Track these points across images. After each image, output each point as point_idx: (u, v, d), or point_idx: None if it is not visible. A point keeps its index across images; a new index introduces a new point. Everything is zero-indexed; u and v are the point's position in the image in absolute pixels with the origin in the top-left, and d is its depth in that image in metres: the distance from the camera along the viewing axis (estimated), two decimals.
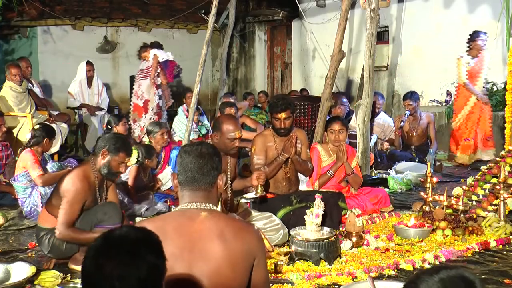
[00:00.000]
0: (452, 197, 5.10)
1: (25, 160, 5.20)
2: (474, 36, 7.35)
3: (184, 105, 9.03)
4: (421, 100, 9.38)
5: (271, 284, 3.31)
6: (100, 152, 3.79)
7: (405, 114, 7.55)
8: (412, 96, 7.60)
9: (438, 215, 4.51)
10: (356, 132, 6.66)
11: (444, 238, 4.35)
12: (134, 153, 4.57)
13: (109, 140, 3.83)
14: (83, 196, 3.75)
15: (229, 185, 4.20)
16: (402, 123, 7.50)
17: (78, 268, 3.73)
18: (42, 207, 4.83)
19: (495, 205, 4.86)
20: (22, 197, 5.21)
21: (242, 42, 13.81)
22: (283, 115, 4.60)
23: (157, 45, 8.95)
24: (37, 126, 5.57)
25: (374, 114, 7.55)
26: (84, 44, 11.85)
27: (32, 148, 5.28)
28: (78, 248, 3.79)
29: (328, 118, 6.33)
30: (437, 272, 1.39)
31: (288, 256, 3.84)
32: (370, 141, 6.87)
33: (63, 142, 7.68)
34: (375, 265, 3.71)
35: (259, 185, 4.21)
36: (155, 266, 1.43)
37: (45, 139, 5.32)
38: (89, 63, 8.82)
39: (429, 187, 4.85)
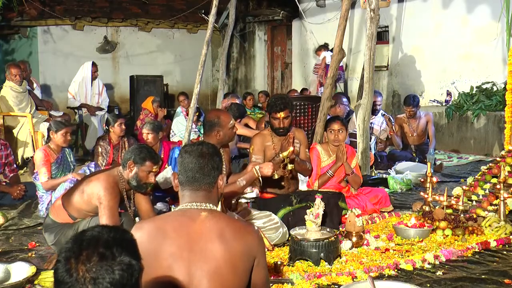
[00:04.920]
0: (452, 197, 5.10)
1: (36, 159, 5.21)
2: None
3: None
4: (421, 100, 9.40)
5: (271, 284, 3.31)
6: (127, 165, 3.77)
7: (383, 114, 7.70)
8: (413, 101, 7.60)
9: (438, 215, 4.51)
10: (356, 131, 6.66)
11: (444, 238, 4.35)
12: None
13: (133, 151, 3.83)
14: (118, 200, 3.75)
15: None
16: (393, 122, 7.59)
17: None
18: None
19: (495, 205, 4.86)
20: (42, 195, 5.19)
21: (242, 42, 13.81)
22: (281, 114, 4.59)
23: (331, 49, 9.63)
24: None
25: (374, 112, 7.56)
26: (84, 44, 11.87)
27: (48, 144, 5.30)
28: None
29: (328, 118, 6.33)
30: None
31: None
32: (370, 141, 6.88)
33: None
34: (375, 265, 3.71)
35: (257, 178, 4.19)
36: (129, 266, 1.37)
37: (50, 132, 5.29)
38: (94, 64, 8.81)
39: (429, 187, 4.84)
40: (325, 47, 10.12)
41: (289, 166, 4.49)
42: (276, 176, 4.23)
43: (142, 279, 1.44)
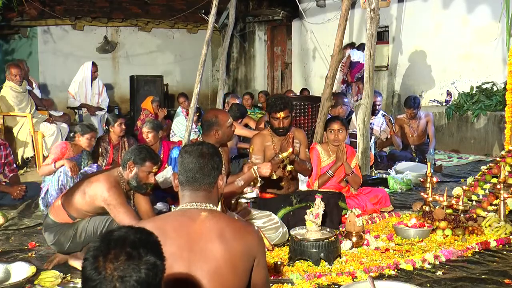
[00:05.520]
0: (452, 197, 5.10)
1: (54, 147, 5.48)
2: None
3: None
4: (421, 100, 9.40)
5: (271, 284, 3.31)
6: (127, 166, 3.78)
7: (383, 115, 7.66)
8: (414, 103, 7.59)
9: (438, 215, 4.51)
10: (356, 131, 6.66)
11: (444, 238, 4.35)
12: None
13: (133, 152, 3.83)
14: (124, 196, 3.75)
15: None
16: (393, 123, 7.58)
17: (77, 264, 3.74)
18: (57, 191, 5.02)
19: (495, 205, 4.85)
20: (43, 186, 5.30)
21: (242, 42, 13.81)
22: (281, 114, 4.59)
23: (357, 47, 9.70)
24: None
25: (374, 112, 7.55)
26: (84, 44, 11.87)
27: (69, 141, 5.51)
28: (81, 249, 3.80)
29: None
30: None
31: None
32: (370, 141, 6.87)
33: None
34: (375, 265, 3.71)
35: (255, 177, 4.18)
36: (155, 266, 1.44)
37: (76, 134, 5.47)
38: (94, 64, 8.81)
39: (429, 187, 4.85)
40: (351, 45, 10.03)
41: (289, 167, 4.48)
42: (274, 177, 4.22)
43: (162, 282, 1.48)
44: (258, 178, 4.08)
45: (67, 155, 5.33)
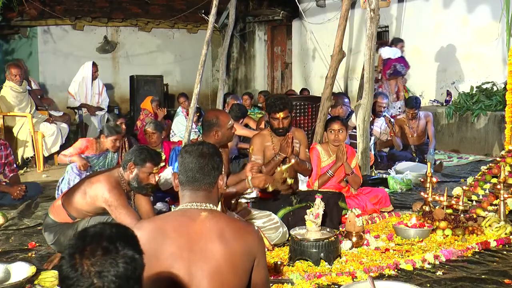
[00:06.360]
0: (452, 197, 5.10)
1: (76, 143, 5.78)
2: None
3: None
4: (421, 100, 9.40)
5: (271, 284, 3.31)
6: (127, 166, 3.78)
7: (383, 115, 7.63)
8: (416, 104, 7.58)
9: (438, 215, 4.51)
10: (356, 132, 6.65)
11: (444, 238, 4.35)
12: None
13: (133, 153, 3.83)
14: (125, 197, 3.76)
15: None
16: (393, 124, 7.55)
17: None
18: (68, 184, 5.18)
19: (495, 205, 4.85)
20: (62, 177, 5.49)
21: (242, 42, 13.81)
22: (281, 114, 4.59)
23: (385, 44, 9.49)
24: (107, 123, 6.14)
25: (379, 114, 7.53)
26: (84, 44, 11.87)
27: (99, 140, 5.69)
28: None
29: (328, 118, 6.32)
30: None
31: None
32: (370, 141, 6.87)
33: (63, 142, 7.69)
34: (375, 265, 3.71)
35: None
36: (133, 259, 1.41)
37: (102, 135, 5.64)
38: (94, 64, 8.81)
39: (429, 187, 4.84)
40: (380, 44, 9.83)
41: (289, 181, 4.45)
42: (270, 189, 4.18)
43: (143, 277, 1.46)
44: (253, 189, 4.08)
45: (87, 152, 5.55)
